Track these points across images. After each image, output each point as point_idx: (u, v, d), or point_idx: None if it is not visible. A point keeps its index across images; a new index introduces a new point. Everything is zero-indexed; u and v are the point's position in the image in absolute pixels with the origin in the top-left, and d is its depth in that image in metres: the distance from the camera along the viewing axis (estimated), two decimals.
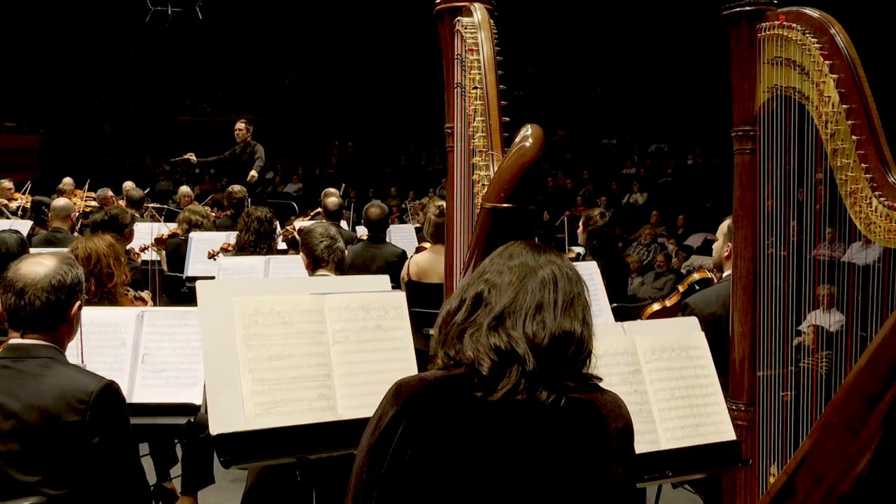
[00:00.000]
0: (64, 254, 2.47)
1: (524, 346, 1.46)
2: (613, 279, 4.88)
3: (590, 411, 1.52)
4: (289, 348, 2.22)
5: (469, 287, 1.57)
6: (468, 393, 1.46)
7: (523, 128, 2.33)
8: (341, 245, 3.68)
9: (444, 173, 15.97)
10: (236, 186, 7.81)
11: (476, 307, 1.52)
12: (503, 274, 1.54)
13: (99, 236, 3.65)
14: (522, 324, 1.48)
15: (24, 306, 2.24)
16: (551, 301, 1.52)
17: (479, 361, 1.46)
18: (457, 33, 2.88)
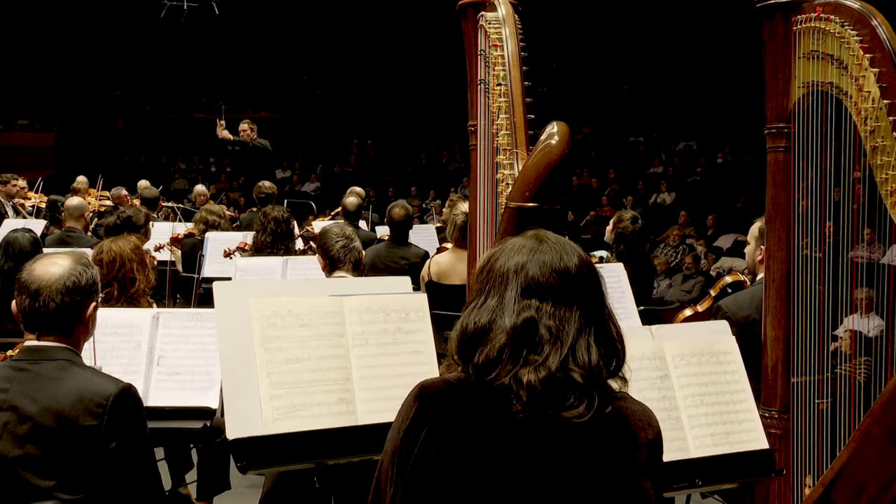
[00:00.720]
0: (79, 254, 2.48)
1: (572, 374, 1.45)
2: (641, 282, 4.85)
3: (617, 421, 1.50)
4: (307, 351, 2.23)
5: (511, 309, 1.48)
6: (493, 398, 1.45)
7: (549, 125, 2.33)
8: (358, 245, 3.69)
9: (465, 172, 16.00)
10: (266, 182, 7.86)
11: (525, 341, 1.45)
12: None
13: (124, 238, 3.68)
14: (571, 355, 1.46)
15: (39, 308, 2.25)
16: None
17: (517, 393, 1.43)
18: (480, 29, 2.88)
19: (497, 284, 1.51)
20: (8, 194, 8.98)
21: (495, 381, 1.44)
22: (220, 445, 3.56)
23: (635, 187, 15.13)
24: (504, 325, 1.46)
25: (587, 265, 1.54)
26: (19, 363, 2.25)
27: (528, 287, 1.48)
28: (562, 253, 1.53)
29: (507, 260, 1.53)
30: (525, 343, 1.45)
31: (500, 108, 2.69)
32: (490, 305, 1.50)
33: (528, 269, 1.50)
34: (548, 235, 1.57)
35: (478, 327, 1.49)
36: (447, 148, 18.22)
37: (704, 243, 12.00)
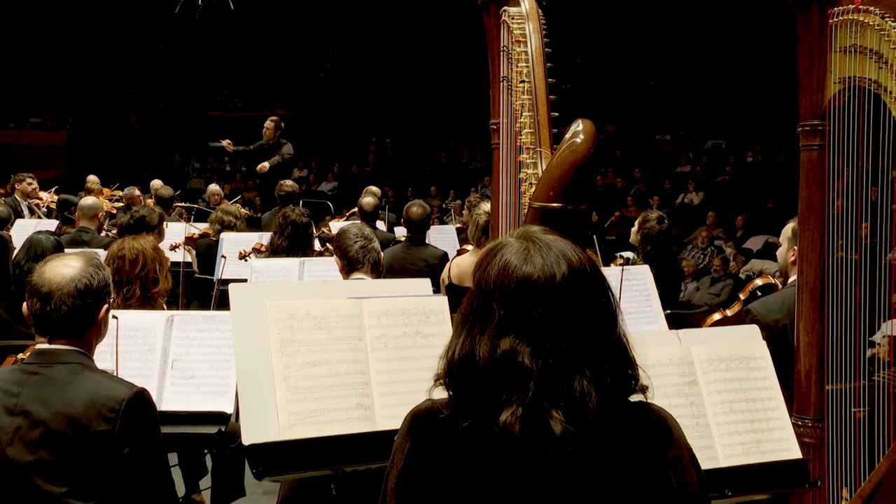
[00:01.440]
0: (90, 254, 2.49)
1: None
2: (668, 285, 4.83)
3: (634, 432, 1.43)
4: (325, 355, 2.24)
5: (490, 338, 1.40)
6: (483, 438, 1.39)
7: (574, 123, 2.32)
8: (376, 246, 3.70)
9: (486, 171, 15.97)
10: (288, 181, 7.91)
11: (506, 374, 1.38)
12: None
13: (144, 237, 3.71)
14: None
15: (51, 312, 2.26)
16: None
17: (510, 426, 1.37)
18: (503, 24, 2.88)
19: (484, 302, 1.44)
20: (24, 193, 9.09)
21: (475, 426, 1.38)
22: (234, 451, 3.58)
23: (662, 187, 15.06)
24: (482, 356, 1.40)
25: (580, 272, 1.43)
26: (31, 367, 2.26)
27: (508, 311, 1.40)
28: (547, 261, 1.42)
29: (491, 271, 1.45)
30: (503, 380, 1.38)
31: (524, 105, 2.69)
32: (475, 329, 1.43)
33: (510, 283, 1.41)
34: (538, 238, 1.47)
35: (461, 356, 1.43)
36: (467, 147, 18.22)
37: (733, 245, 11.92)
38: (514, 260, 1.43)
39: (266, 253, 5.27)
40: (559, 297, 1.40)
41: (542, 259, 1.42)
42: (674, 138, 17.27)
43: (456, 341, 1.45)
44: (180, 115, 20.78)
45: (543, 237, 1.47)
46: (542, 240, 1.46)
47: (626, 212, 14.18)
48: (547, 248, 1.44)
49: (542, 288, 1.40)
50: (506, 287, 1.41)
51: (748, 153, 15.44)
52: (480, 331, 1.42)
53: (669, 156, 16.72)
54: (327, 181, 17.81)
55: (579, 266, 1.43)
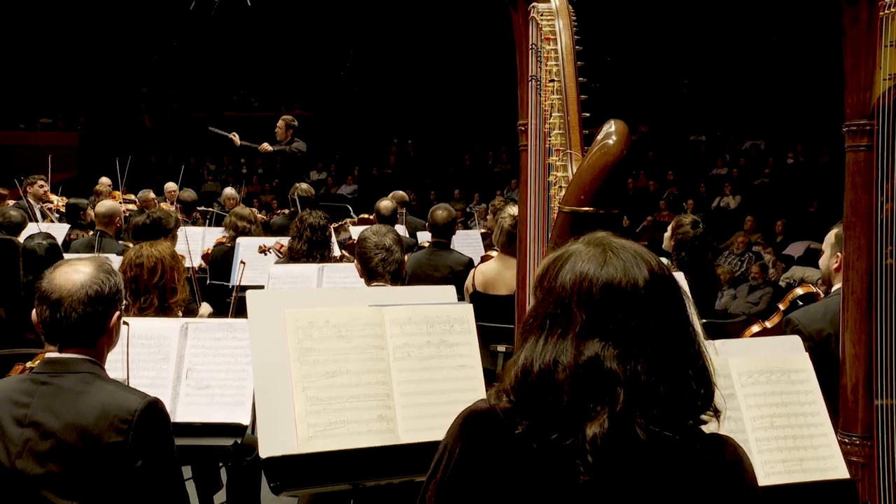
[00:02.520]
0: (101, 259, 2.50)
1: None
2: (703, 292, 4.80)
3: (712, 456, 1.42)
4: (346, 364, 2.25)
5: (573, 344, 1.39)
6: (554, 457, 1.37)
7: (606, 124, 2.32)
8: (398, 257, 3.70)
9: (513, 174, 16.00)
10: (304, 184, 7.98)
11: (593, 380, 1.36)
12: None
13: (161, 243, 3.74)
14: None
15: (61, 319, 2.27)
16: None
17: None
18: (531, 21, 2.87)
19: (562, 309, 1.42)
20: (35, 196, 9.21)
21: (560, 440, 1.36)
22: (251, 464, 3.59)
23: (696, 190, 14.99)
24: (566, 362, 1.38)
25: (660, 276, 1.43)
26: (40, 376, 2.27)
27: (590, 316, 1.39)
28: (627, 265, 1.42)
29: (566, 277, 1.43)
30: (588, 391, 1.36)
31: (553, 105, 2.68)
32: (553, 340, 1.41)
33: (590, 290, 1.40)
34: (611, 242, 1.46)
35: (542, 365, 1.40)
36: (493, 148, 18.23)
37: (773, 251, 11.83)
38: (590, 264, 1.42)
39: (284, 258, 5.30)
40: (643, 301, 1.40)
41: (623, 262, 1.42)
42: (709, 139, 17.17)
43: (532, 350, 1.42)
44: (195, 115, 20.90)
45: (616, 241, 1.47)
46: (615, 243, 1.46)
47: (659, 216, 14.12)
48: (623, 250, 1.45)
49: (625, 292, 1.40)
50: (586, 291, 1.40)
51: (789, 154, 15.32)
52: (561, 336, 1.40)
53: (705, 157, 16.63)
54: (347, 184, 17.88)
55: (658, 270, 1.44)
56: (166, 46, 21.44)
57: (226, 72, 21.45)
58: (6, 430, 2.20)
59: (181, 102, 21.66)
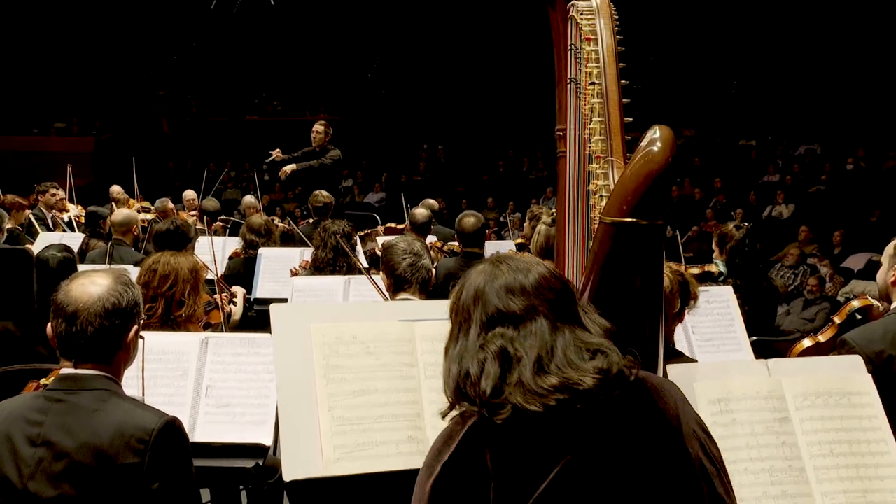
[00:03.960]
0: (119, 271, 2.52)
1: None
2: (757, 307, 4.76)
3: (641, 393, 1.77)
4: (374, 383, 2.26)
5: (476, 345, 1.75)
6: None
7: (650, 129, 2.31)
8: (427, 263, 3.72)
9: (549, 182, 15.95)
10: (323, 192, 8.01)
11: (506, 364, 1.71)
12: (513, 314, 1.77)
13: (184, 256, 3.77)
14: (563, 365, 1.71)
15: (77, 333, 2.29)
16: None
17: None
18: (570, 20, 2.87)
19: (463, 321, 1.80)
20: (47, 205, 9.35)
21: (505, 403, 1.68)
22: (273, 487, 3.61)
23: (746, 198, 14.88)
24: (471, 367, 1.73)
25: (546, 279, 1.79)
26: (54, 393, 2.29)
27: (490, 318, 1.76)
28: (517, 274, 1.79)
29: (466, 290, 1.82)
30: (507, 370, 1.71)
31: (594, 109, 2.68)
32: (460, 348, 1.78)
33: (486, 298, 1.77)
34: (507, 258, 1.85)
35: (455, 377, 1.76)
36: (528, 154, 18.22)
37: (830, 264, 11.69)
38: (480, 277, 1.82)
39: (308, 270, 5.34)
40: (523, 295, 1.77)
41: (513, 270, 1.81)
42: (760, 143, 17.03)
43: (450, 355, 1.80)
44: (215, 119, 21.11)
45: (515, 257, 1.87)
46: (512, 258, 1.85)
47: (705, 226, 14.03)
48: (517, 261, 1.83)
49: (516, 290, 1.77)
50: (483, 293, 1.79)
51: (848, 160, 15.15)
52: (464, 334, 1.79)
53: (755, 163, 16.50)
54: (374, 191, 17.96)
55: (549, 274, 1.81)
56: (185, 47, 21.66)
57: (247, 74, 21.63)
58: (18, 449, 2.23)
59: (201, 106, 21.85)
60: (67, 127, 20.68)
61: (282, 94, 21.68)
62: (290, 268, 5.69)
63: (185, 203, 10.86)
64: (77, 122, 20.71)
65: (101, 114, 20.90)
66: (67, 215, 9.60)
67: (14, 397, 2.40)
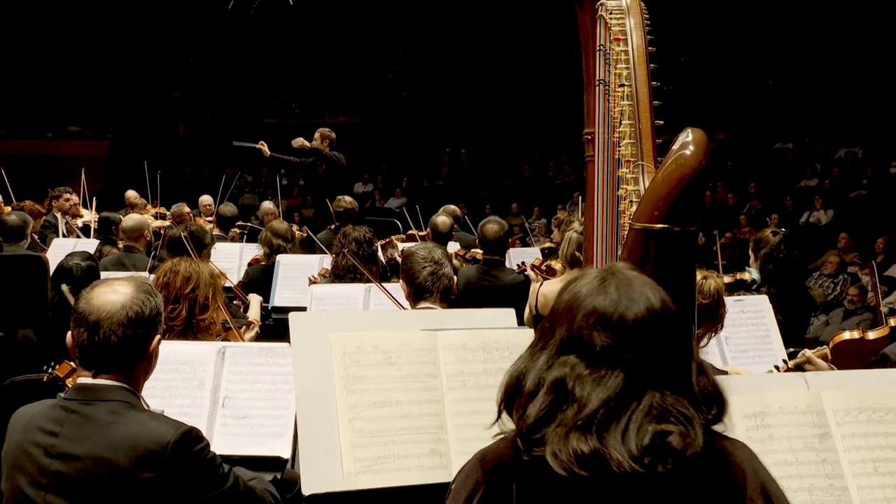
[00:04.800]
0: (140, 280, 2.54)
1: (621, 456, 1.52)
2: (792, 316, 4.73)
3: (715, 466, 1.57)
4: (396, 394, 2.27)
5: (544, 365, 1.61)
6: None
7: (682, 133, 2.31)
8: (448, 271, 3.72)
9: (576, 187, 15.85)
10: (346, 197, 8.07)
11: (559, 401, 1.57)
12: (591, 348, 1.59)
13: (203, 263, 3.82)
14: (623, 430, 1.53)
15: (98, 343, 2.29)
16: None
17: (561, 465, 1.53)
18: (599, 19, 2.88)
19: (548, 327, 1.65)
20: (61, 210, 9.44)
21: (541, 443, 1.55)
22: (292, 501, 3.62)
23: (782, 204, 14.79)
24: (533, 380, 1.60)
25: (657, 314, 1.59)
26: (70, 403, 2.30)
27: (569, 339, 1.60)
28: (623, 298, 1.60)
29: (564, 297, 1.66)
30: (549, 400, 1.57)
31: (623, 112, 2.68)
32: (535, 352, 1.64)
33: (575, 312, 1.61)
34: (619, 272, 1.66)
35: (516, 379, 1.64)
36: (554, 158, 18.20)
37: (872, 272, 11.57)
38: (585, 289, 1.63)
39: (329, 278, 5.35)
40: (627, 334, 1.58)
41: (619, 294, 1.61)
42: (797, 146, 16.92)
43: (519, 361, 1.67)
44: (232, 122, 21.22)
45: (628, 274, 1.65)
46: (623, 276, 1.65)
47: (739, 233, 13.95)
48: (627, 285, 1.63)
49: (608, 321, 1.59)
50: (573, 311, 1.62)
51: (891, 163, 15.01)
52: (542, 349, 1.63)
53: (792, 167, 16.39)
54: (395, 197, 18.00)
55: (659, 308, 1.61)
56: (202, 48, 21.79)
57: (265, 75, 21.74)
58: (36, 460, 2.25)
59: (217, 109, 22.00)
60: (82, 131, 20.90)
61: (300, 97, 21.78)
62: (309, 276, 5.71)
63: (202, 208, 10.92)
64: (91, 125, 20.91)
65: (115, 117, 21.08)
66: (82, 221, 9.69)
67: (34, 403, 2.41)
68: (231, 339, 4.10)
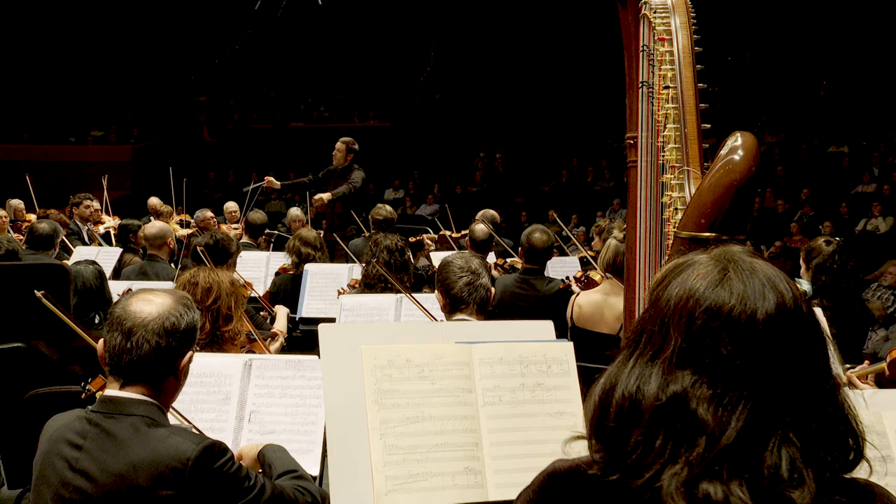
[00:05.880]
0: (181, 293, 2.58)
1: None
2: (847, 331, 4.67)
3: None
4: (429, 409, 2.27)
5: (653, 383, 1.35)
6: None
7: (731, 137, 2.30)
8: (486, 282, 3.72)
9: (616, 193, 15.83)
10: (386, 207, 8.13)
11: (672, 430, 1.31)
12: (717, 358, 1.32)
13: (222, 271, 3.85)
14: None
15: (131, 349, 2.34)
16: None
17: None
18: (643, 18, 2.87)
19: (655, 334, 1.38)
20: (82, 217, 9.57)
21: (636, 481, 1.31)
22: None
23: (836, 210, 14.64)
24: (647, 397, 1.33)
25: (791, 313, 1.34)
26: (94, 416, 2.34)
27: (686, 349, 1.33)
28: (749, 291, 1.34)
29: (673, 291, 1.38)
30: (671, 431, 1.31)
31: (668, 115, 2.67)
32: (641, 364, 1.37)
33: (692, 311, 1.34)
34: (738, 258, 1.39)
35: (622, 397, 1.36)
36: (593, 163, 18.15)
37: None
38: (703, 281, 1.37)
39: (359, 288, 5.38)
40: (758, 339, 1.32)
41: (744, 287, 1.35)
42: (853, 150, 16.75)
43: (618, 370, 1.40)
44: (259, 126, 21.39)
45: (748, 260, 1.39)
46: (745, 263, 1.39)
47: (790, 242, 13.82)
48: (752, 274, 1.37)
49: (735, 322, 1.32)
50: (689, 311, 1.35)
51: None
52: (651, 360, 1.36)
53: (847, 172, 16.23)
54: (427, 203, 18.03)
55: (792, 305, 1.35)
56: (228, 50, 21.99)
57: (293, 78, 21.89)
58: (60, 473, 2.29)
59: (243, 113, 22.17)
60: (104, 135, 21.16)
61: (329, 100, 21.91)
62: (338, 287, 5.74)
63: (227, 215, 11.00)
64: (114, 129, 21.16)
65: (139, 121, 21.32)
66: (104, 227, 9.81)
67: (65, 413, 2.45)
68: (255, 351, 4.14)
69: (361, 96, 21.49)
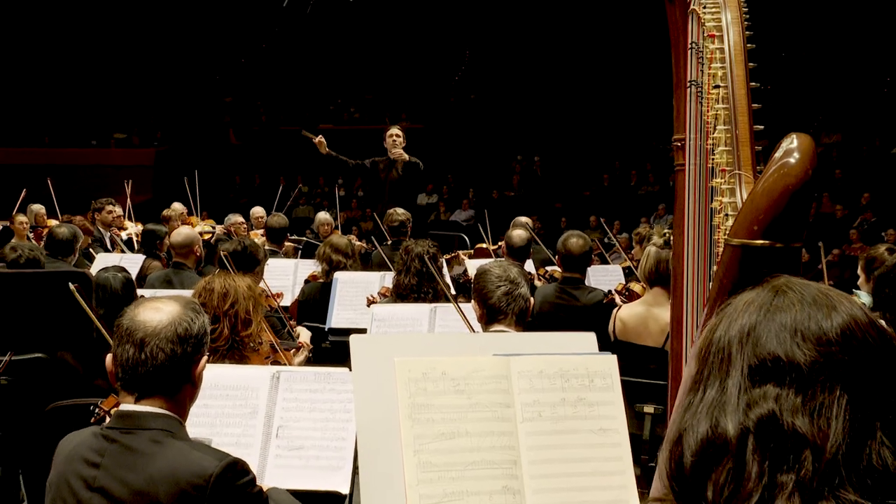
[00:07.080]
0: (186, 298, 2.62)
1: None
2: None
3: None
4: (465, 425, 2.26)
5: (736, 402, 1.31)
6: None
7: (786, 138, 2.28)
8: (524, 292, 3.72)
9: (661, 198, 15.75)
10: (398, 209, 8.08)
11: (768, 451, 1.26)
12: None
13: (239, 276, 3.88)
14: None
15: (146, 360, 2.36)
16: None
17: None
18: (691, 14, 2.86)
19: (717, 365, 1.35)
20: (104, 223, 9.67)
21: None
22: None
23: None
24: (727, 429, 1.28)
25: (859, 327, 1.31)
26: (111, 432, 2.37)
27: (759, 365, 1.30)
28: (812, 310, 1.32)
29: (730, 326, 1.36)
30: (766, 454, 1.25)
31: (718, 116, 2.66)
32: (709, 399, 1.33)
33: (758, 337, 1.32)
34: (792, 284, 1.38)
35: (698, 442, 1.31)
36: (637, 167, 18.09)
37: None
38: (755, 316, 1.35)
39: (391, 297, 5.39)
40: (838, 347, 1.30)
41: (802, 303, 1.35)
42: None
43: (679, 420, 1.36)
44: (286, 128, 21.49)
45: (795, 280, 1.41)
46: (794, 282, 1.39)
47: (849, 249, 13.71)
48: (805, 289, 1.38)
49: (811, 332, 1.31)
50: (752, 340, 1.33)
51: None
52: (719, 392, 1.33)
53: None
54: (462, 209, 18.07)
55: (858, 319, 1.34)
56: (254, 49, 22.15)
57: (322, 78, 22.00)
58: (77, 492, 2.32)
59: (270, 114, 22.32)
60: (127, 138, 21.39)
61: (359, 101, 22.01)
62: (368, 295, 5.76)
63: (253, 221, 11.07)
64: (137, 131, 21.39)
65: (162, 123, 21.52)
66: (126, 233, 9.91)
67: (79, 431, 2.48)
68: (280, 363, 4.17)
69: (393, 96, 21.57)
